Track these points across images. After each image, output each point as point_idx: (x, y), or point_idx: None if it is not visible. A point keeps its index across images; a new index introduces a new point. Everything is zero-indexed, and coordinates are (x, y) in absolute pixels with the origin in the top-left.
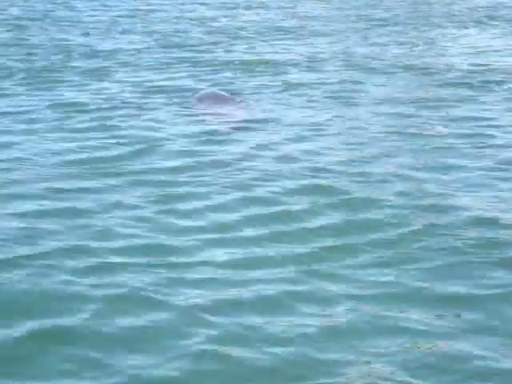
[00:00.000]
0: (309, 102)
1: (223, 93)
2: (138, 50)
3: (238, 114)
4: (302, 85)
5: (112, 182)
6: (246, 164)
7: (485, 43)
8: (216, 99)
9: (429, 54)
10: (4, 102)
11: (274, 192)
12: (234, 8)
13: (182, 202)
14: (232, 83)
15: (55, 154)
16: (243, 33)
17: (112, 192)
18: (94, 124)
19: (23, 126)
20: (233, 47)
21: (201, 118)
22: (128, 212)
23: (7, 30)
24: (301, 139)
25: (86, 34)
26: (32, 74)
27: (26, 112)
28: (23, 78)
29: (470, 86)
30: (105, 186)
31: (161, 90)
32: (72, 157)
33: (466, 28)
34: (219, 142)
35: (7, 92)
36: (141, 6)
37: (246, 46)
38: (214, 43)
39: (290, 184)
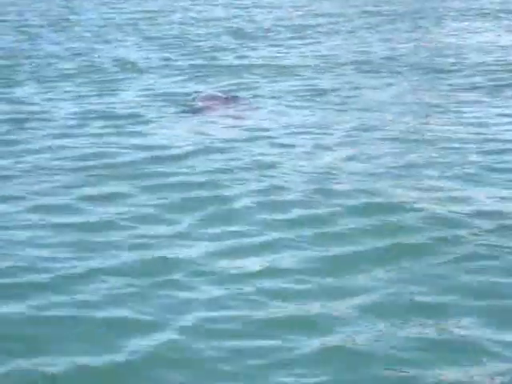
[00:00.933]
0: (320, 105)
1: (220, 94)
2: (150, 55)
3: (243, 117)
4: (312, 88)
5: (130, 188)
6: (255, 170)
7: (501, 39)
8: (218, 101)
9: (443, 52)
10: (16, 108)
11: (287, 198)
12: (246, 8)
13: (197, 208)
14: (242, 86)
15: (71, 160)
16: (254, 33)
17: (130, 198)
18: (108, 131)
19: (38, 133)
20: (243, 49)
21: (207, 122)
22: (144, 217)
23: (18, 37)
24: (311, 145)
25: (97, 40)
26: (45, 82)
27: (40, 119)
28: (36, 86)
29: (485, 86)
30: (124, 193)
31: (172, 96)
32: (86, 163)
33: (480, 23)
34: (226, 147)
35: (20, 99)
36: (151, 9)
37: (256, 48)
38: (225, 45)
39: (300, 190)
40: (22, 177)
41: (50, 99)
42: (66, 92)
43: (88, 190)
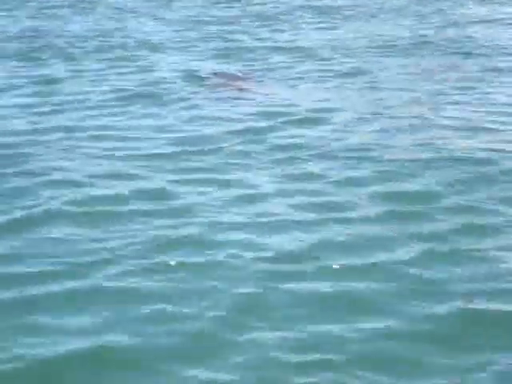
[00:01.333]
0: (341, 87)
1: (240, 74)
2: (171, 35)
3: (262, 98)
4: (334, 70)
5: (152, 170)
6: (279, 152)
7: None
8: (238, 82)
9: (468, 35)
10: (42, 87)
11: (313, 180)
12: None
13: (224, 194)
14: (263, 68)
15: (95, 141)
16: (276, 15)
17: (150, 179)
18: (130, 109)
19: (62, 112)
20: (265, 31)
21: (228, 103)
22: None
23: (42, 18)
24: (333, 126)
25: (119, 20)
26: (70, 62)
27: (64, 99)
28: (61, 66)
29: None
30: (146, 176)
31: (192, 76)
32: (112, 144)
33: (507, 6)
34: (248, 128)
35: (46, 79)
36: None
37: (278, 30)
38: (246, 27)
39: (326, 171)
40: (47, 156)
41: (74, 78)
42: (89, 71)
43: (114, 173)
